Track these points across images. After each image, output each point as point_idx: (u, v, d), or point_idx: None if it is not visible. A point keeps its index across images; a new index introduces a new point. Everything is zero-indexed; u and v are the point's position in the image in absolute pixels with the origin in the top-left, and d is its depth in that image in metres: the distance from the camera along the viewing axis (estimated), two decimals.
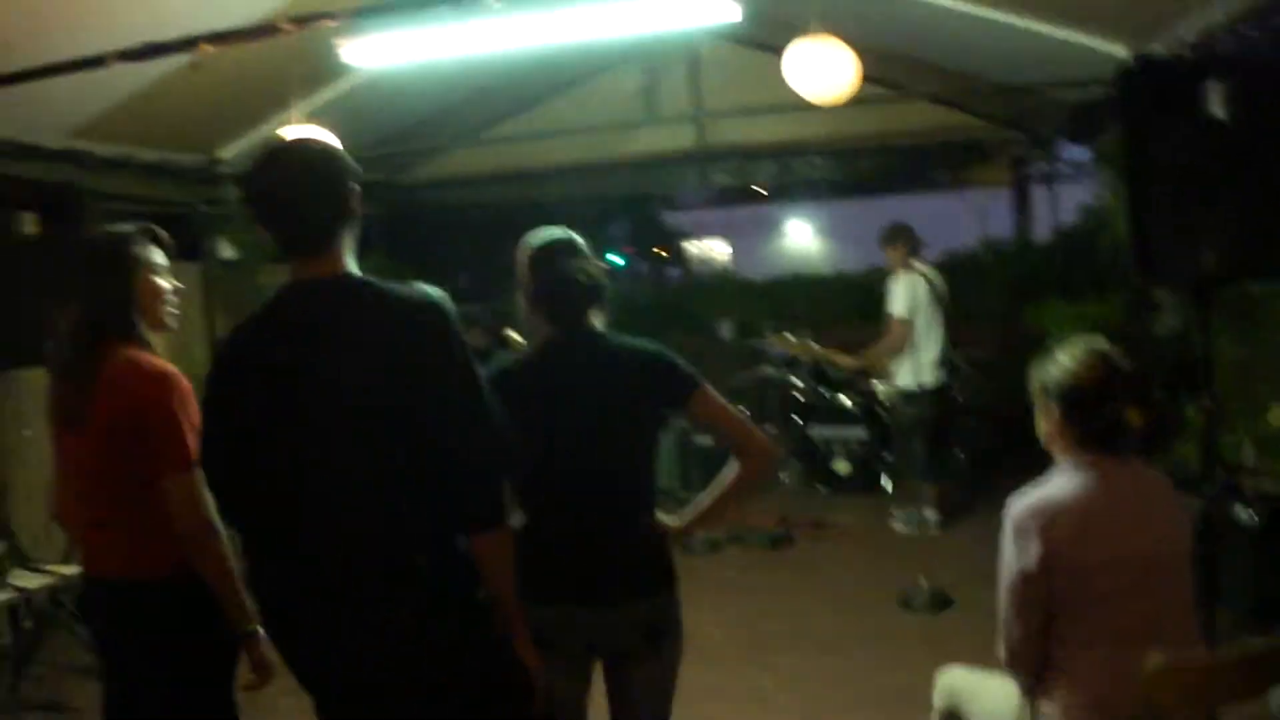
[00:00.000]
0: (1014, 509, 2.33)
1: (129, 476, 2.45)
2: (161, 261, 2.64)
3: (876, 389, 7.04)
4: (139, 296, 2.56)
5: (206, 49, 3.30)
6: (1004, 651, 2.38)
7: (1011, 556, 2.31)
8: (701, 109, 7.89)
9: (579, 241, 2.54)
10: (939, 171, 9.04)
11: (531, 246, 2.53)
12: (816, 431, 7.22)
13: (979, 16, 5.04)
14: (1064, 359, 2.42)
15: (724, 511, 2.56)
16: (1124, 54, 5.01)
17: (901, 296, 5.98)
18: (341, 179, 2.03)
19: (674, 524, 2.52)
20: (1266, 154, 3.42)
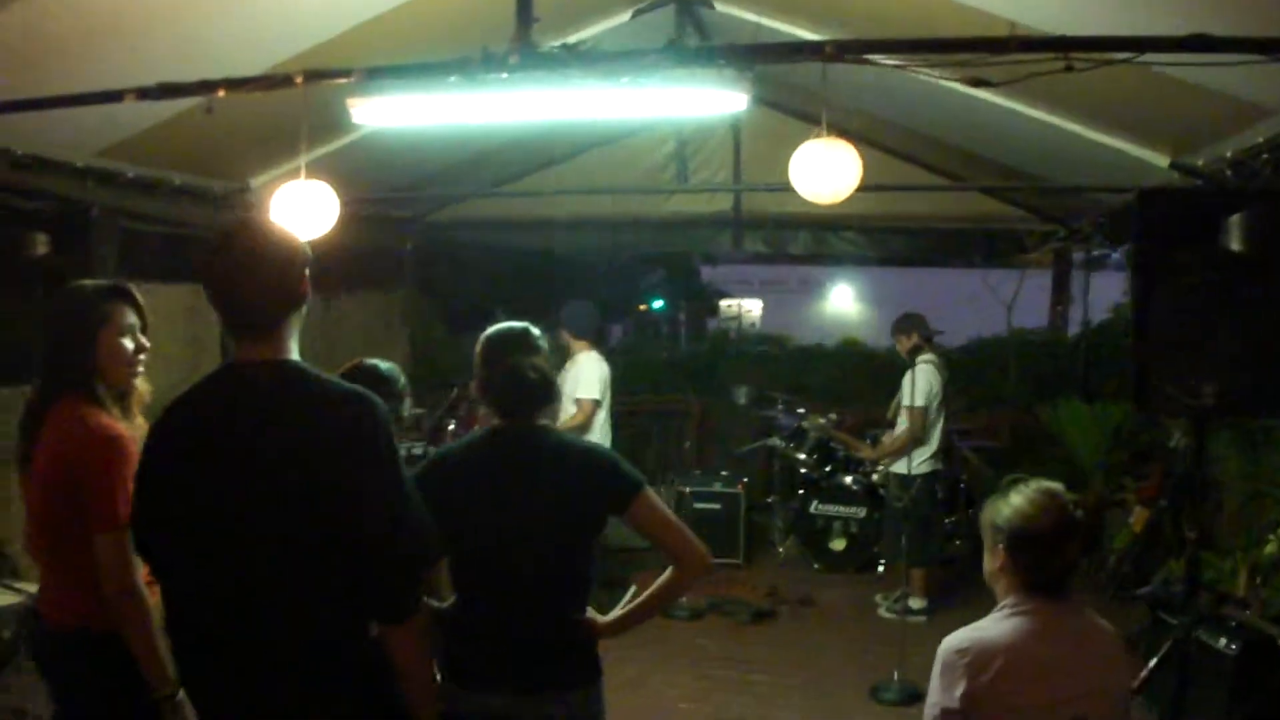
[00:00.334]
0: (946, 644, 2.28)
1: (68, 527, 2.45)
2: (131, 321, 2.61)
3: (873, 471, 7.05)
4: (99, 358, 2.54)
5: (219, 94, 3.37)
6: None
7: (936, 691, 2.26)
8: (738, 179, 7.88)
9: (535, 337, 2.59)
10: (976, 257, 8.95)
11: (486, 339, 2.58)
12: (817, 507, 7.14)
13: (1033, 117, 5.17)
14: (1016, 500, 2.36)
15: (653, 612, 2.63)
16: (1165, 164, 5.00)
17: (920, 388, 5.94)
18: (290, 267, 2.07)
19: (601, 621, 2.54)
20: (1273, 288, 3.37)
